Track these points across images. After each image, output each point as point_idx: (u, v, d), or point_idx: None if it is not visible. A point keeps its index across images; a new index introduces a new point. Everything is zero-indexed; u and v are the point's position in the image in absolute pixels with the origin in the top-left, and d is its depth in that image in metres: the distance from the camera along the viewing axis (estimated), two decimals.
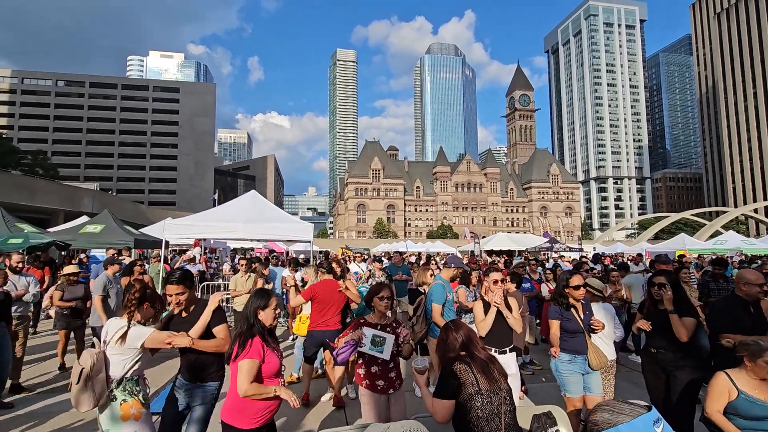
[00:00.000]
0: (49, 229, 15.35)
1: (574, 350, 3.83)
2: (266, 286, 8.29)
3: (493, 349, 3.93)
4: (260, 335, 2.71)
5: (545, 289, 7.72)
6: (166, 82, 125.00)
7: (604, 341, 4.39)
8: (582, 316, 3.85)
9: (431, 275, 6.24)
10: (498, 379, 2.41)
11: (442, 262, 10.79)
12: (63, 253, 14.22)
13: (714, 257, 11.53)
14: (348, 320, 5.47)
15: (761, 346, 2.81)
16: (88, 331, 6.91)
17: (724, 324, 3.80)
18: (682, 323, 3.56)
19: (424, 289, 6.03)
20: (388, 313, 3.59)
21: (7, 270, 6.06)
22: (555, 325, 3.93)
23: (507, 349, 4.01)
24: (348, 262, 12.54)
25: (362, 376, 3.33)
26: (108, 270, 6.40)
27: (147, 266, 10.97)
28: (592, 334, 3.94)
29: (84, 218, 16.68)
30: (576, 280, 3.90)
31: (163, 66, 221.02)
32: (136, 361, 2.90)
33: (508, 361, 3.93)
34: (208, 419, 3.10)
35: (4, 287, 5.50)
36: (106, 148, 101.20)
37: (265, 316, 2.79)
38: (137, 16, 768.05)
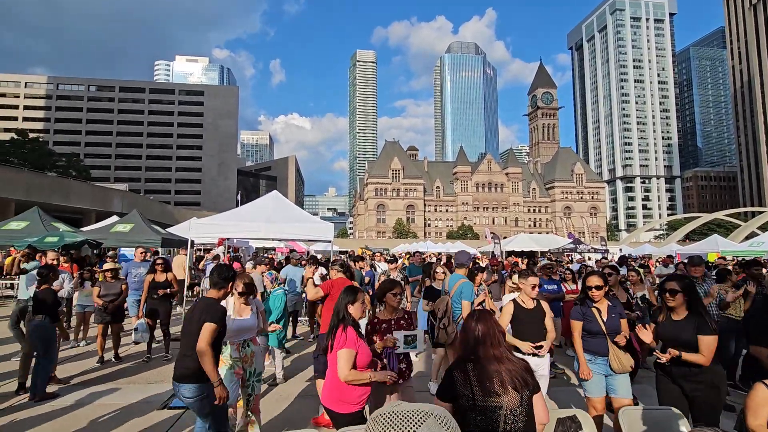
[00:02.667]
0: (81, 229, 16.03)
1: (594, 351, 3.76)
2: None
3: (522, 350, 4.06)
4: (353, 327, 3.02)
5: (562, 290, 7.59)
6: (191, 85, 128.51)
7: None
8: (604, 318, 3.76)
9: (442, 273, 6.29)
10: (501, 393, 2.12)
11: (442, 262, 10.74)
12: (95, 251, 14.81)
13: (752, 259, 11.01)
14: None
15: None
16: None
17: (758, 333, 3.64)
18: (700, 343, 3.19)
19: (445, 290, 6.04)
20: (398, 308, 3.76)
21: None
22: (577, 327, 3.85)
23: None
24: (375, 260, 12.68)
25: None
26: (257, 270, 7.00)
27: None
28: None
29: (114, 218, 17.34)
30: (593, 280, 3.84)
31: (188, 70, 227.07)
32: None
33: (542, 363, 4.10)
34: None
35: (53, 287, 5.78)
36: (134, 150, 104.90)
37: (354, 310, 3.13)
38: (165, 25, 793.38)
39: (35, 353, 5.30)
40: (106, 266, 7.38)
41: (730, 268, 8.57)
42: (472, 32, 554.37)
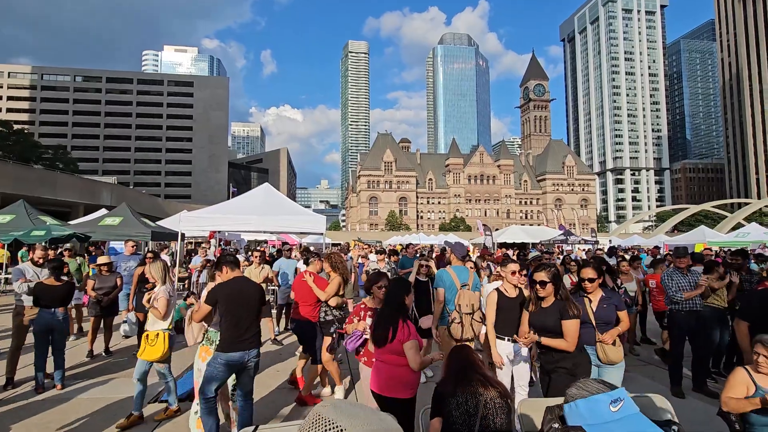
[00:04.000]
0: (69, 222, 15.79)
1: (582, 340, 3.69)
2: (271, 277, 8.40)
3: (506, 338, 4.04)
4: (410, 319, 3.26)
5: (567, 281, 7.68)
6: (180, 76, 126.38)
7: None
8: (594, 308, 3.73)
9: (421, 267, 6.32)
10: (480, 408, 2.29)
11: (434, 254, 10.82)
12: (85, 245, 14.61)
13: (737, 249, 11.21)
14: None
15: (758, 340, 2.77)
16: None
17: (746, 311, 3.81)
18: (563, 328, 3.31)
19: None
20: None
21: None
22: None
23: None
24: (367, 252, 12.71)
25: (362, 353, 3.73)
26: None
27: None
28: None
29: (103, 211, 17.07)
30: (587, 272, 3.81)
31: (177, 60, 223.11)
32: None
33: (521, 350, 4.07)
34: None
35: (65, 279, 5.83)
36: (123, 142, 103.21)
37: (408, 301, 3.39)
38: (153, 14, 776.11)
39: (57, 345, 5.42)
40: (100, 260, 7.31)
41: (720, 260, 8.73)
42: (464, 23, 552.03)
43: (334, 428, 0.82)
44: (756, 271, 8.28)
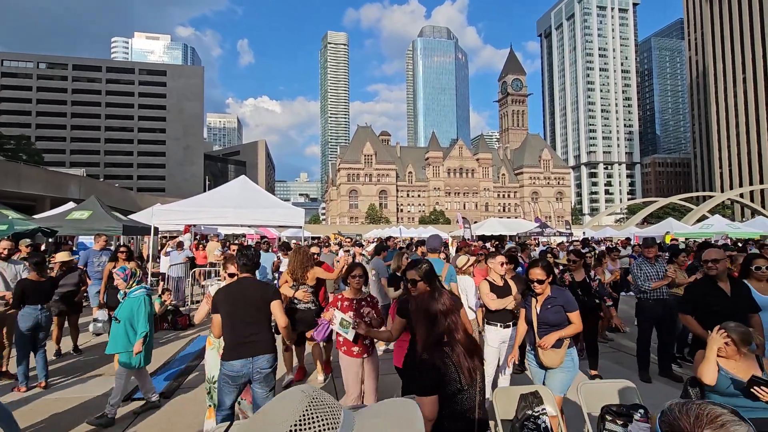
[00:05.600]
0: (34, 216, 15.08)
1: (530, 342, 3.63)
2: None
3: (499, 324, 4.38)
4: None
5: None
6: (153, 64, 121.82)
7: (472, 310, 5.06)
8: (538, 310, 3.56)
9: (406, 258, 6.35)
10: (476, 368, 2.16)
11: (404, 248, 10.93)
12: (50, 240, 14.00)
13: (702, 241, 11.75)
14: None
15: (722, 327, 2.92)
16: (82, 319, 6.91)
17: (685, 304, 3.98)
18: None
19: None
20: (363, 289, 4.12)
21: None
22: (522, 314, 3.76)
23: (510, 323, 4.40)
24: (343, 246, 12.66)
25: (341, 343, 3.81)
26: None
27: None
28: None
29: (70, 204, 16.36)
30: (535, 273, 3.55)
31: (148, 48, 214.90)
32: None
33: (510, 333, 4.40)
34: None
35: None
36: (92, 133, 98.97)
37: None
38: (125, 0, 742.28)
39: (41, 342, 5.32)
40: (58, 256, 6.92)
41: (687, 248, 9.12)
42: (444, 17, 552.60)
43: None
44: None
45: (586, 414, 3.02)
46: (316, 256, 6.62)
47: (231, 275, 3.98)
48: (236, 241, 18.53)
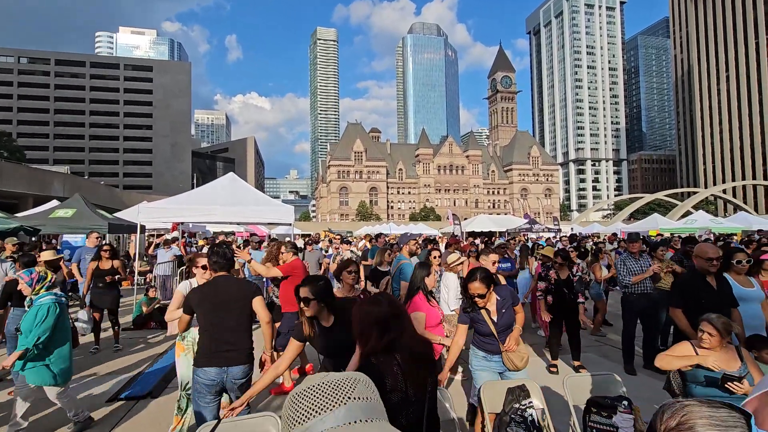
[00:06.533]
0: (17, 214, 14.73)
1: (488, 350, 3.46)
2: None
3: None
4: (424, 294, 3.79)
5: (535, 267, 7.94)
6: (138, 60, 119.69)
7: (448, 306, 5.11)
8: (495, 318, 3.41)
9: (388, 254, 6.42)
10: (425, 375, 1.95)
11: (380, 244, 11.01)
12: (33, 239, 13.70)
13: (686, 236, 11.98)
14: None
15: (705, 319, 3.00)
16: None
17: (677, 299, 4.03)
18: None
19: (387, 269, 6.24)
20: (356, 286, 4.14)
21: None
22: (461, 330, 3.46)
23: None
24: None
25: None
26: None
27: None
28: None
29: (54, 203, 16.03)
30: (474, 287, 3.29)
31: (133, 43, 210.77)
32: None
33: None
34: None
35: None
36: (76, 130, 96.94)
37: (429, 281, 3.82)
38: None
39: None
40: (44, 255, 6.74)
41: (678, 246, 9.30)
42: (434, 14, 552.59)
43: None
44: None
45: (572, 406, 3.07)
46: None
47: (204, 267, 3.77)
48: (227, 239, 18.34)
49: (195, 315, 3.24)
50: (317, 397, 0.76)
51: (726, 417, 0.81)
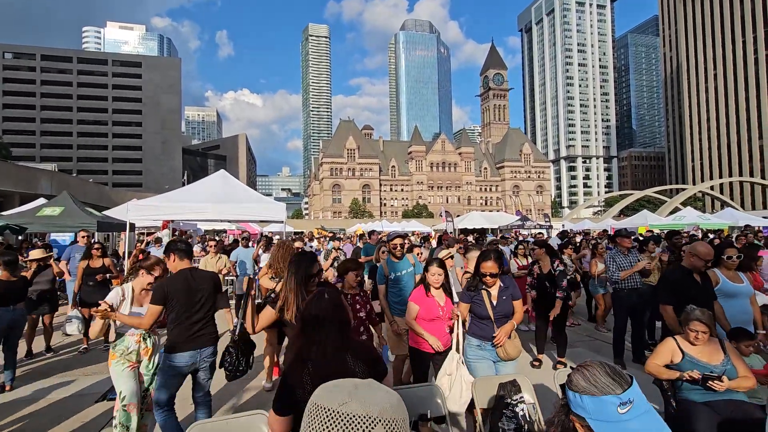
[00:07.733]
0: (2, 213, 14.48)
1: (483, 336, 3.49)
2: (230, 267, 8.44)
3: None
4: (425, 287, 3.81)
5: (514, 266, 7.94)
6: (127, 55, 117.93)
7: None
8: (494, 302, 3.48)
9: (383, 252, 6.44)
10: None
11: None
12: (19, 237, 13.48)
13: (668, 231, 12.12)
14: None
15: (689, 314, 3.04)
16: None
17: (666, 294, 4.09)
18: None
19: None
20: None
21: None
22: (464, 309, 3.58)
23: None
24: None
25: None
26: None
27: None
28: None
29: (41, 200, 15.77)
30: (487, 266, 3.45)
31: (122, 38, 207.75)
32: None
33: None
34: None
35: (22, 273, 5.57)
36: (63, 127, 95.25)
37: (432, 278, 3.84)
38: None
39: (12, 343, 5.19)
40: (32, 254, 6.67)
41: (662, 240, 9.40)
42: (426, 11, 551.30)
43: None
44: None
45: None
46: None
47: (158, 278, 3.64)
48: (217, 237, 18.23)
49: (163, 309, 3.34)
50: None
51: (600, 378, 1.11)
